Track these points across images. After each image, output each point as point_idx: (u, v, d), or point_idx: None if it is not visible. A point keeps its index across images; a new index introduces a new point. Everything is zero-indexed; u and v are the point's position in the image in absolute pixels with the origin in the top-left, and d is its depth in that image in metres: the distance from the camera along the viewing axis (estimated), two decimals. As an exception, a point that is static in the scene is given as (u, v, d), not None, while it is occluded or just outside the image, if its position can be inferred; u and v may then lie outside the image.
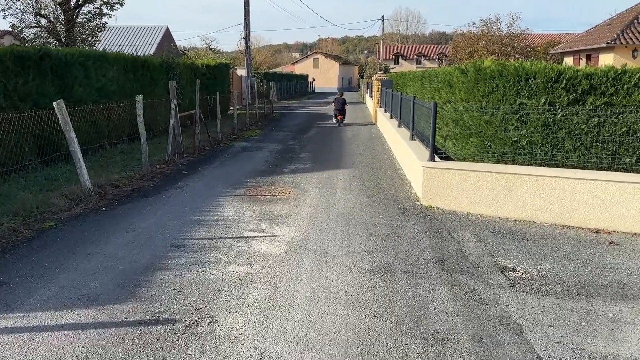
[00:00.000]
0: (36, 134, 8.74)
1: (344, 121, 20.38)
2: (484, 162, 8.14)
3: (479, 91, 8.23)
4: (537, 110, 7.55)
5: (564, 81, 7.38)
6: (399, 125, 12.78)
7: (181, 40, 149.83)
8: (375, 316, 4.02)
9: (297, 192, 8.36)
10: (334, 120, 20.62)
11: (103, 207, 7.16)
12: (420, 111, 9.62)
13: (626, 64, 7.76)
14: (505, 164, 7.79)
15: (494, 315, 4.07)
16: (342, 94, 21.35)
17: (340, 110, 20.10)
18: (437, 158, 7.79)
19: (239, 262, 5.16)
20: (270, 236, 5.99)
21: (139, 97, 9.50)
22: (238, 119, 19.60)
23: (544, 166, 7.42)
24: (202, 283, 4.63)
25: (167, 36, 39.54)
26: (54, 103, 7.36)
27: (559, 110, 7.37)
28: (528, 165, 7.54)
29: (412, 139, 10.12)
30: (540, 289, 4.60)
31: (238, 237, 5.92)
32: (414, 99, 9.97)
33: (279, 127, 19.88)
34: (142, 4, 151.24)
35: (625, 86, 7.09)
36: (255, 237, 5.96)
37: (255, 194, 8.15)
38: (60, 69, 10.69)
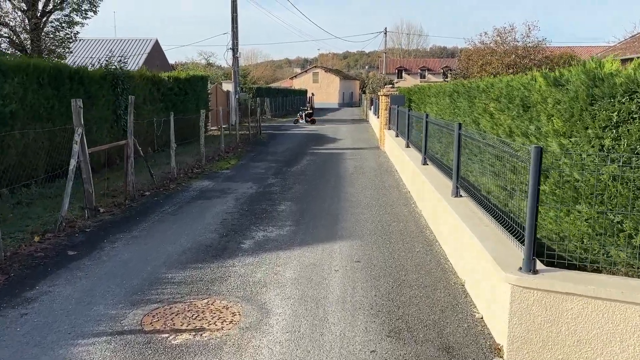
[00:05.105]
0: None
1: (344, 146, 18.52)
2: (605, 249, 4.12)
3: (594, 119, 4.19)
4: None
5: None
6: (424, 162, 8.71)
7: (173, 52, 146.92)
8: None
9: (247, 317, 4.25)
10: None
11: None
12: (471, 151, 5.62)
13: None
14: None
15: None
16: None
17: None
18: (538, 262, 3.68)
19: None
20: None
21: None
22: (212, 146, 15.62)
23: None
24: None
25: (157, 48, 36.46)
26: None
27: None
28: None
29: (457, 194, 6.03)
30: None
31: None
32: (460, 128, 5.89)
33: (263, 155, 15.81)
34: (134, 17, 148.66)
35: None
36: None
37: (159, 328, 4.03)
38: None
